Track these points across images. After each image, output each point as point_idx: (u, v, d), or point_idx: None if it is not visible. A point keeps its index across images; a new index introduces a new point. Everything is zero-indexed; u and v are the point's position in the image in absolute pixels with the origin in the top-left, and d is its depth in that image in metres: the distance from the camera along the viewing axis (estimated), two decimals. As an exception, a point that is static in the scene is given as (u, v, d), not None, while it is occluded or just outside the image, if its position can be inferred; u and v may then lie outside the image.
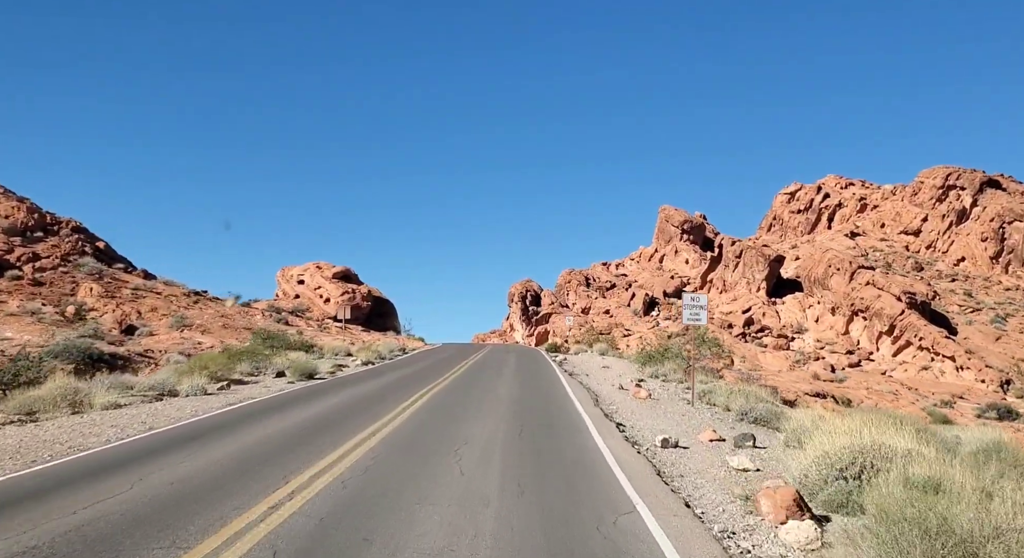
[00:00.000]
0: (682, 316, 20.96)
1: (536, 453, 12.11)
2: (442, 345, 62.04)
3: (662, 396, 23.17)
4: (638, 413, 18.65)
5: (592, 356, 45.42)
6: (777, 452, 13.51)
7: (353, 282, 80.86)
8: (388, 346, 42.03)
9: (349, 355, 38.07)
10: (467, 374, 28.11)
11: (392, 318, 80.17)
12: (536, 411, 17.55)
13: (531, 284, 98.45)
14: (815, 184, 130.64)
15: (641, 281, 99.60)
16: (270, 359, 29.74)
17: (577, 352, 48.93)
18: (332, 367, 30.09)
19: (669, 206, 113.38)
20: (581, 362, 39.25)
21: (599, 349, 50.22)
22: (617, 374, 31.86)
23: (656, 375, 29.45)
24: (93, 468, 10.34)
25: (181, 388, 19.14)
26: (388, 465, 10.70)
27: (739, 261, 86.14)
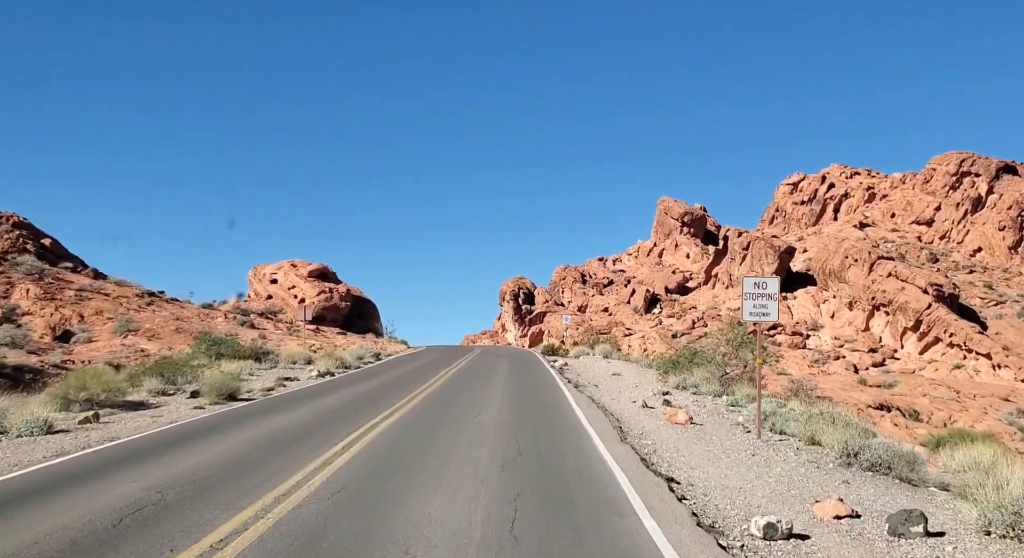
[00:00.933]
0: (742, 310, 14.91)
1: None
2: (426, 348, 55.92)
3: (705, 419, 17.14)
4: (686, 452, 12.63)
5: (595, 360, 39.39)
6: (980, 553, 7.46)
7: (331, 281, 74.64)
8: (358, 352, 35.92)
9: (309, 363, 31.93)
10: (444, 389, 22.04)
11: (373, 319, 74.01)
12: (538, 456, 11.49)
13: (524, 281, 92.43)
14: (819, 174, 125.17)
15: (641, 277, 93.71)
16: (199, 372, 23.60)
17: (578, 355, 42.90)
18: (277, 381, 23.95)
19: (668, 198, 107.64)
20: (585, 368, 33.23)
21: (602, 351, 44.22)
22: (632, 384, 25.84)
23: (683, 386, 23.43)
24: None
25: (12, 423, 12.96)
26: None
27: (746, 254, 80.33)
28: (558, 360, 38.49)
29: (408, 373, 27.46)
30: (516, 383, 24.22)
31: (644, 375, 29.54)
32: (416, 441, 12.55)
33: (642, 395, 21.88)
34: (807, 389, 25.60)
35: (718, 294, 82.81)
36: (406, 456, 11.22)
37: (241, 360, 30.95)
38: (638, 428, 15.32)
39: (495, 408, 17.21)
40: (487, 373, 27.90)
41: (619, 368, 32.75)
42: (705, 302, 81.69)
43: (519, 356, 42.92)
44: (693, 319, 71.34)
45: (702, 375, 23.46)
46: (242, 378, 22.89)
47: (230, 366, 25.41)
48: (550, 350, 45.74)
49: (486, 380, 24.87)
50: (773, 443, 13.82)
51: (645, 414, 17.80)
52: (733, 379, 23.76)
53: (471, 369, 29.86)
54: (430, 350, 50.81)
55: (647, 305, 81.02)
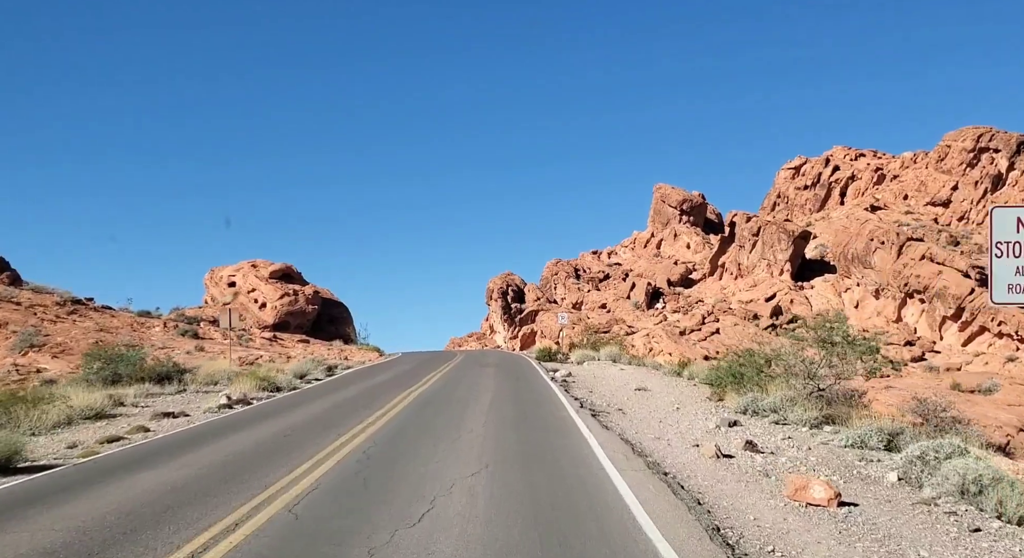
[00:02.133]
0: (991, 278, 7.04)
1: None
2: (400, 356, 48.05)
3: (847, 486, 9.43)
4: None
5: (604, 367, 31.69)
6: None
7: (295, 282, 66.64)
8: (305, 366, 28.07)
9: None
10: (390, 432, 14.26)
11: (345, 324, 66.06)
12: None
13: (512, 278, 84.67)
14: (822, 156, 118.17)
15: (639, 270, 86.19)
16: (46, 407, 15.75)
17: (581, 360, 35.15)
18: (152, 418, 16.11)
19: (665, 184, 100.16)
20: (595, 380, 25.53)
21: (609, 354, 36.52)
22: (671, 405, 18.13)
23: (754, 409, 15.71)
24: None
25: None
26: None
27: (757, 240, 72.94)
28: (559, 368, 30.76)
29: (350, 399, 19.64)
30: (504, 414, 16.45)
31: (679, 389, 21.87)
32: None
33: (698, 428, 14.21)
34: (938, 410, 17.86)
35: (726, 285, 75.39)
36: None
37: (140, 383, 23.12)
38: (746, 523, 7.59)
39: (464, 483, 9.42)
40: (465, 395, 20.14)
41: (640, 378, 25.06)
42: (712, 295, 74.26)
43: (509, 364, 35.17)
44: (703, 314, 63.83)
45: (782, 393, 15.75)
46: (92, 416, 14.99)
47: (91, 398, 17.48)
48: (546, 354, 37.93)
49: (461, 410, 17.10)
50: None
51: (730, 475, 10.09)
52: (829, 398, 16.10)
53: (444, 388, 22.11)
54: (404, 358, 42.97)
55: (649, 300, 73.48)
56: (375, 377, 27.02)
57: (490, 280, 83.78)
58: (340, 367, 32.76)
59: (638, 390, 21.48)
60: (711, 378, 20.14)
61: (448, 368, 31.02)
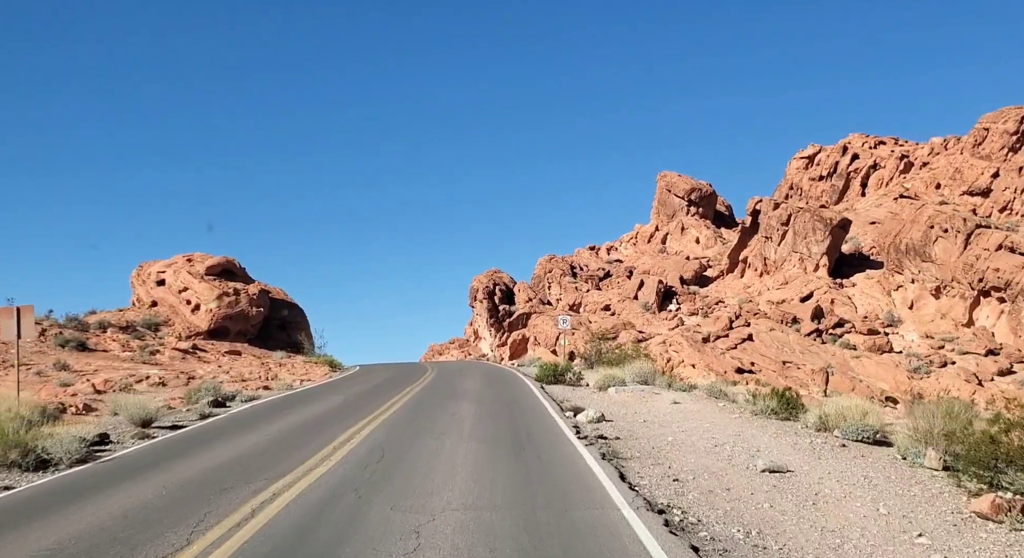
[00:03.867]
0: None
1: None
2: (356, 372, 36.97)
3: None
4: None
5: (644, 397, 20.65)
6: None
7: (238, 279, 55.27)
8: (144, 407, 16.74)
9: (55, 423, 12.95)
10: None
11: (299, 330, 54.76)
12: None
13: (500, 276, 73.59)
14: (838, 144, 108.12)
15: (645, 266, 75.45)
16: None
17: (604, 384, 24.01)
18: None
19: (671, 172, 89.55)
20: (651, 431, 14.58)
21: (637, 373, 25.48)
22: (899, 529, 7.07)
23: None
24: None
25: None
26: None
27: (787, 230, 62.36)
28: (575, 400, 19.71)
29: (179, 491, 8.47)
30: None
31: (844, 461, 10.89)
32: None
33: None
34: None
35: (750, 283, 64.74)
36: None
37: None
38: None
39: None
40: (400, 493, 9.04)
41: (731, 428, 14.20)
42: (734, 294, 63.59)
43: (498, 390, 24.06)
44: (729, 317, 53.07)
45: None
46: None
47: None
48: (551, 373, 26.60)
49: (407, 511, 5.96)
50: None
51: None
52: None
53: (389, 443, 11.13)
54: (354, 378, 31.89)
55: (660, 300, 62.66)
56: (289, 417, 15.89)
57: (474, 278, 72.68)
58: (242, 398, 21.50)
59: (768, 472, 10.44)
60: (945, 447, 9.04)
61: (411, 395, 19.92)
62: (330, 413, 17.18)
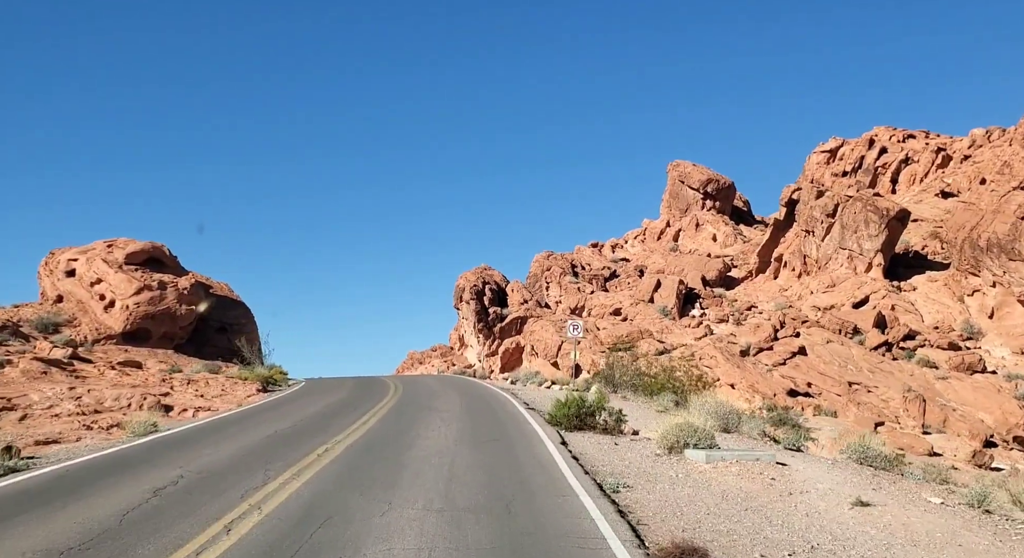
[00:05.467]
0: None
1: None
2: (296, 391, 26.79)
3: None
4: None
5: (766, 475, 10.39)
6: None
7: (166, 270, 44.91)
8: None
9: None
10: None
11: (242, 333, 44.39)
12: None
13: (491, 273, 63.47)
14: (863, 137, 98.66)
15: (657, 265, 65.58)
16: None
17: (675, 443, 13.85)
18: None
19: (685, 162, 79.78)
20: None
21: (710, 412, 15.29)
22: None
23: None
24: None
25: None
26: None
27: (833, 223, 52.59)
28: (637, 489, 9.56)
29: None
30: None
31: None
32: None
33: None
34: None
35: (787, 285, 54.91)
36: None
37: None
38: None
39: None
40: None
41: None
42: (768, 298, 53.78)
43: (488, 449, 13.91)
44: (773, 326, 43.17)
45: None
46: None
47: None
48: (574, 411, 16.33)
49: None
50: None
51: None
52: None
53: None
54: (288, 403, 21.88)
55: (681, 304, 52.70)
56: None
57: (461, 276, 62.45)
58: (47, 461, 11.26)
59: None
60: None
61: (301, 480, 9.84)
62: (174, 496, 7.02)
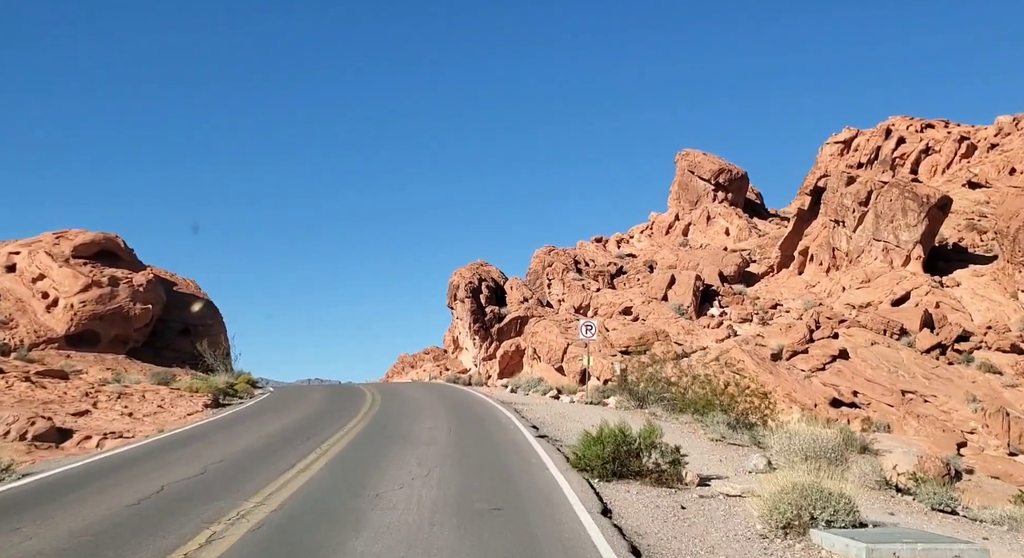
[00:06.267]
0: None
1: None
2: (253, 405, 21.75)
3: None
4: None
5: None
6: None
7: (121, 264, 39.78)
8: None
9: None
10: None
11: (208, 336, 39.26)
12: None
13: (487, 269, 58.47)
14: (879, 127, 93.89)
15: (668, 261, 60.63)
16: None
17: (793, 516, 8.82)
18: None
19: (695, 150, 74.88)
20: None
21: (813, 446, 10.15)
22: None
23: None
24: None
25: None
26: None
27: (865, 211, 47.70)
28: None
29: None
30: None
31: None
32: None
33: None
34: None
35: (814, 281, 49.96)
36: None
37: None
38: None
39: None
40: None
41: None
42: (794, 295, 48.88)
43: (486, 524, 8.69)
44: (808, 326, 38.25)
45: None
46: None
47: None
48: (611, 449, 11.37)
49: None
50: None
51: None
52: None
53: None
54: (236, 422, 16.87)
55: (698, 302, 47.74)
56: None
57: (455, 272, 57.38)
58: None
59: None
60: None
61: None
62: None
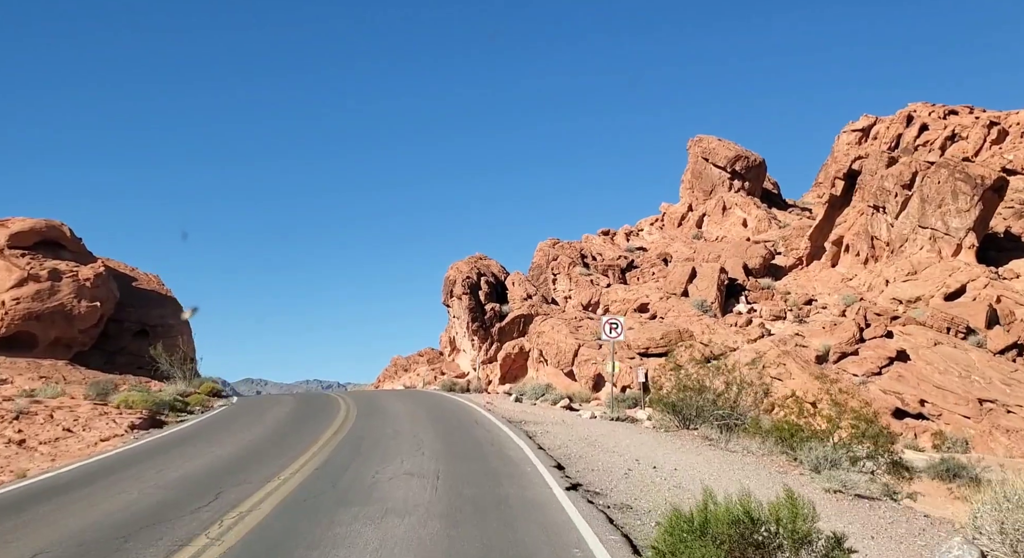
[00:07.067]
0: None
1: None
2: (180, 433, 16.67)
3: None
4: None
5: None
6: None
7: (66, 255, 34.67)
8: None
9: None
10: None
11: (168, 336, 34.18)
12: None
13: (487, 263, 53.44)
14: (899, 114, 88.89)
15: (683, 254, 55.64)
16: None
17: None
18: None
19: (709, 136, 69.91)
20: None
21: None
22: None
23: None
24: None
25: None
26: None
27: (909, 196, 42.74)
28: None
29: None
30: None
31: None
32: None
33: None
34: None
35: (851, 274, 44.99)
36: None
37: None
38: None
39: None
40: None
41: None
42: (828, 288, 43.89)
43: None
44: (857, 324, 33.27)
45: None
46: None
47: None
48: (731, 550, 6.58)
49: None
50: None
51: None
52: None
53: None
54: (147, 457, 11.65)
55: (723, 297, 42.72)
56: None
57: (451, 266, 52.31)
58: None
59: None
60: None
61: None
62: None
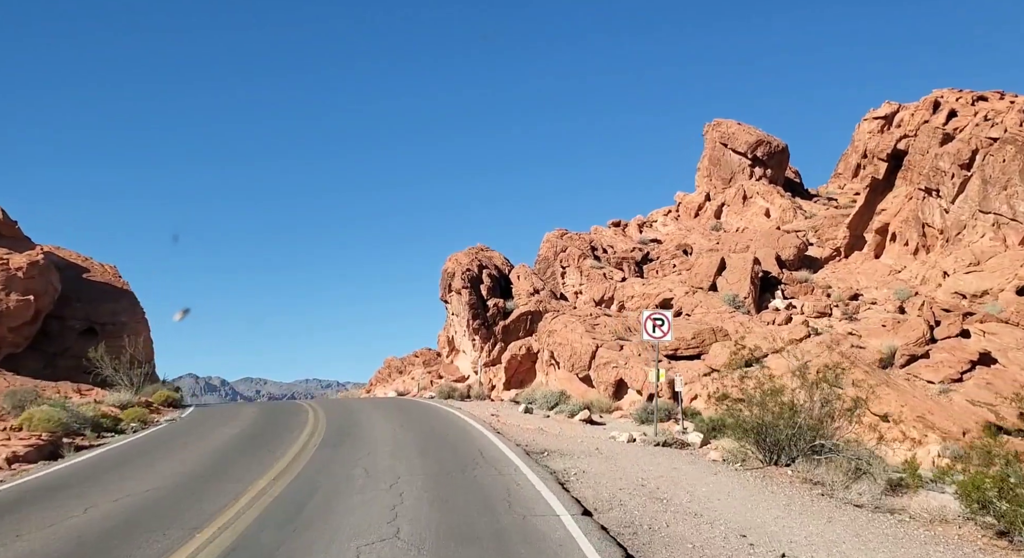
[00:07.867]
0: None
1: None
2: (65, 471, 11.80)
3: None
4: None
5: None
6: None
7: (5, 243, 29.73)
8: None
9: None
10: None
11: (121, 335, 29.23)
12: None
13: (489, 255, 48.57)
14: (924, 100, 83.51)
15: (703, 245, 50.78)
16: None
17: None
18: None
19: (728, 120, 65.07)
20: None
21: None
22: None
23: None
24: None
25: None
26: None
27: (968, 177, 38.00)
28: None
29: None
30: None
31: None
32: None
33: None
34: None
35: (901, 265, 40.17)
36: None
37: None
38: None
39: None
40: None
41: None
42: (875, 281, 39.09)
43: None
44: (927, 322, 28.42)
45: None
46: None
47: None
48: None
49: None
50: None
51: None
52: None
53: None
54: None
55: (757, 292, 37.88)
56: None
57: (449, 258, 47.39)
58: None
59: None
60: None
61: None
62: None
